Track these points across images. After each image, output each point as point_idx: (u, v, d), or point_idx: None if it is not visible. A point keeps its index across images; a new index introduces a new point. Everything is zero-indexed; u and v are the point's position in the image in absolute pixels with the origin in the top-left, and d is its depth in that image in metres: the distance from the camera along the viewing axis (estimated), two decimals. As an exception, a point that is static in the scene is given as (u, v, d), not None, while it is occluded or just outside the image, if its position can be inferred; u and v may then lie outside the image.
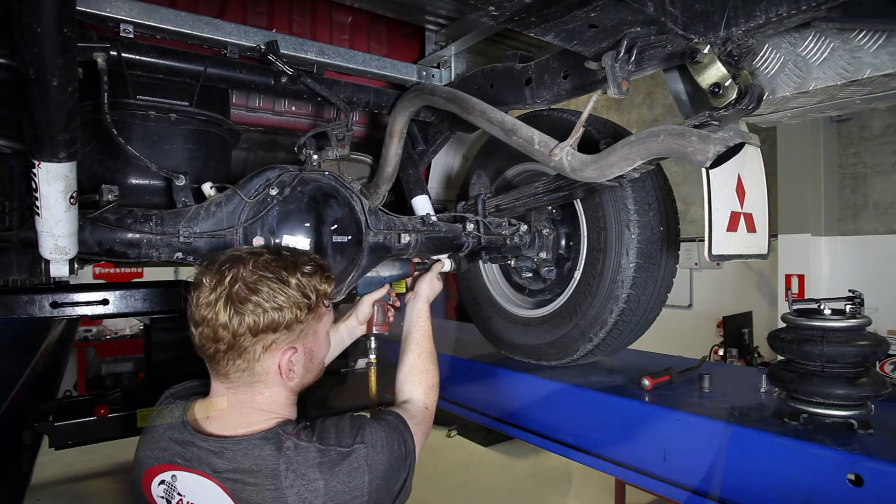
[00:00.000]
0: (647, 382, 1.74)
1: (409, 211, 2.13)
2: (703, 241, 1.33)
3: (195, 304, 1.06)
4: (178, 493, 1.05)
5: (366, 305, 1.64)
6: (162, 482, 1.07)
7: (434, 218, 1.95)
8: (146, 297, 2.20)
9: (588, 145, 1.54)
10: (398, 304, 1.71)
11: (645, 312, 1.84)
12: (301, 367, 1.13)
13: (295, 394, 1.16)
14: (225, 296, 1.03)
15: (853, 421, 1.33)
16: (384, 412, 1.24)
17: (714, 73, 1.17)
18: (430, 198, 2.15)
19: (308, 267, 1.13)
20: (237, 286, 1.04)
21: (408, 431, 1.19)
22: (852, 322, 1.36)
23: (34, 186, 1.18)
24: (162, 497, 1.08)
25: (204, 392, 1.17)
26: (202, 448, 1.04)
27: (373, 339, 1.65)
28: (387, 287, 1.70)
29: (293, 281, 1.08)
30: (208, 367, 1.11)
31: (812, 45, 1.19)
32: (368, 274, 1.69)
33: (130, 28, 1.61)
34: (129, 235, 1.43)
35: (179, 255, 1.50)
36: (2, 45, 1.34)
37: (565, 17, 1.12)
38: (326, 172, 1.73)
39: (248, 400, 1.08)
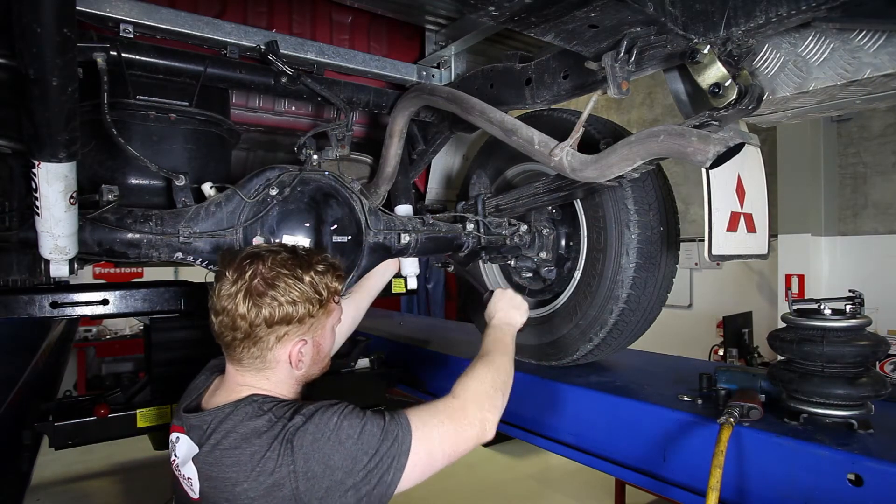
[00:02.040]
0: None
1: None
2: (703, 241, 1.33)
3: (217, 295, 1.13)
4: (175, 455, 1.16)
5: None
6: (171, 441, 1.19)
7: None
8: (146, 297, 2.20)
9: (588, 145, 1.54)
10: None
11: (645, 312, 1.84)
12: (309, 358, 1.19)
13: (299, 384, 1.22)
14: (245, 289, 1.10)
15: (853, 421, 1.33)
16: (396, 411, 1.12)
17: (714, 73, 1.17)
18: (413, 209, 2.12)
19: (321, 266, 1.19)
20: (256, 280, 1.11)
21: (397, 423, 1.07)
22: (852, 322, 1.36)
23: (34, 186, 1.18)
24: (171, 452, 1.20)
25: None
26: (197, 418, 1.12)
27: None
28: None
29: (307, 278, 1.15)
30: (224, 353, 1.18)
31: (812, 45, 1.19)
32: None
33: (130, 28, 1.61)
34: (129, 235, 1.43)
35: (179, 255, 1.51)
36: (2, 45, 1.34)
37: (565, 17, 1.12)
38: (326, 172, 1.73)
39: (254, 383, 1.15)
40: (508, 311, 1.52)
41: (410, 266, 1.97)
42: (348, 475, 1.00)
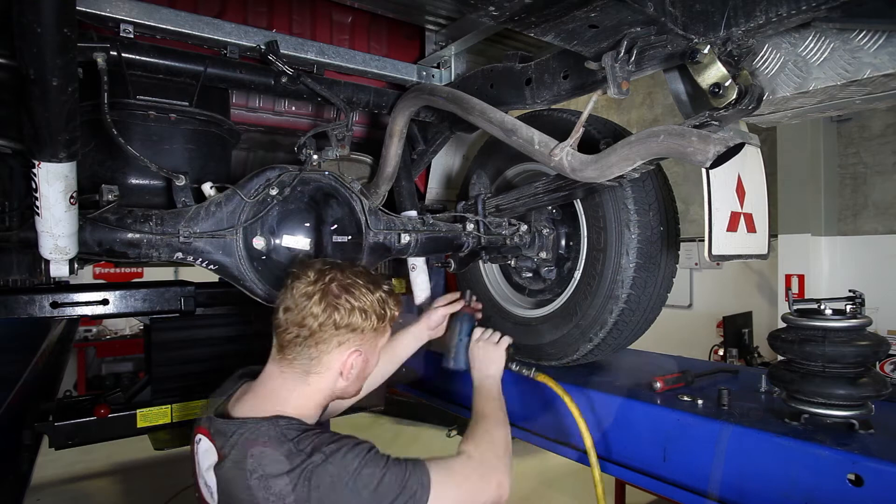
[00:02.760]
0: (658, 385, 1.72)
1: (409, 211, 2.12)
2: (703, 241, 1.33)
3: (292, 291, 1.18)
4: (197, 456, 1.18)
5: (438, 315, 1.76)
6: (194, 441, 1.21)
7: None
8: (146, 297, 2.20)
9: (588, 145, 1.54)
10: (479, 317, 1.81)
11: (645, 312, 1.83)
12: (356, 372, 1.23)
13: (327, 401, 1.23)
14: (322, 289, 1.16)
15: (854, 421, 1.33)
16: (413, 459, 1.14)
17: (714, 73, 1.17)
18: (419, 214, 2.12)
19: (387, 286, 1.27)
20: (334, 284, 1.18)
21: (418, 479, 1.07)
22: (853, 322, 1.36)
23: (34, 186, 1.18)
24: (193, 451, 1.22)
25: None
26: (223, 425, 1.13)
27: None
28: (461, 302, 1.78)
29: (378, 294, 1.23)
30: (275, 351, 1.21)
31: (812, 45, 1.19)
32: None
33: (130, 28, 1.61)
34: (129, 235, 1.43)
35: (179, 255, 1.51)
36: (2, 45, 1.34)
37: (565, 17, 1.12)
38: (326, 172, 1.73)
39: (291, 388, 1.17)
40: (483, 364, 1.62)
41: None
42: None
